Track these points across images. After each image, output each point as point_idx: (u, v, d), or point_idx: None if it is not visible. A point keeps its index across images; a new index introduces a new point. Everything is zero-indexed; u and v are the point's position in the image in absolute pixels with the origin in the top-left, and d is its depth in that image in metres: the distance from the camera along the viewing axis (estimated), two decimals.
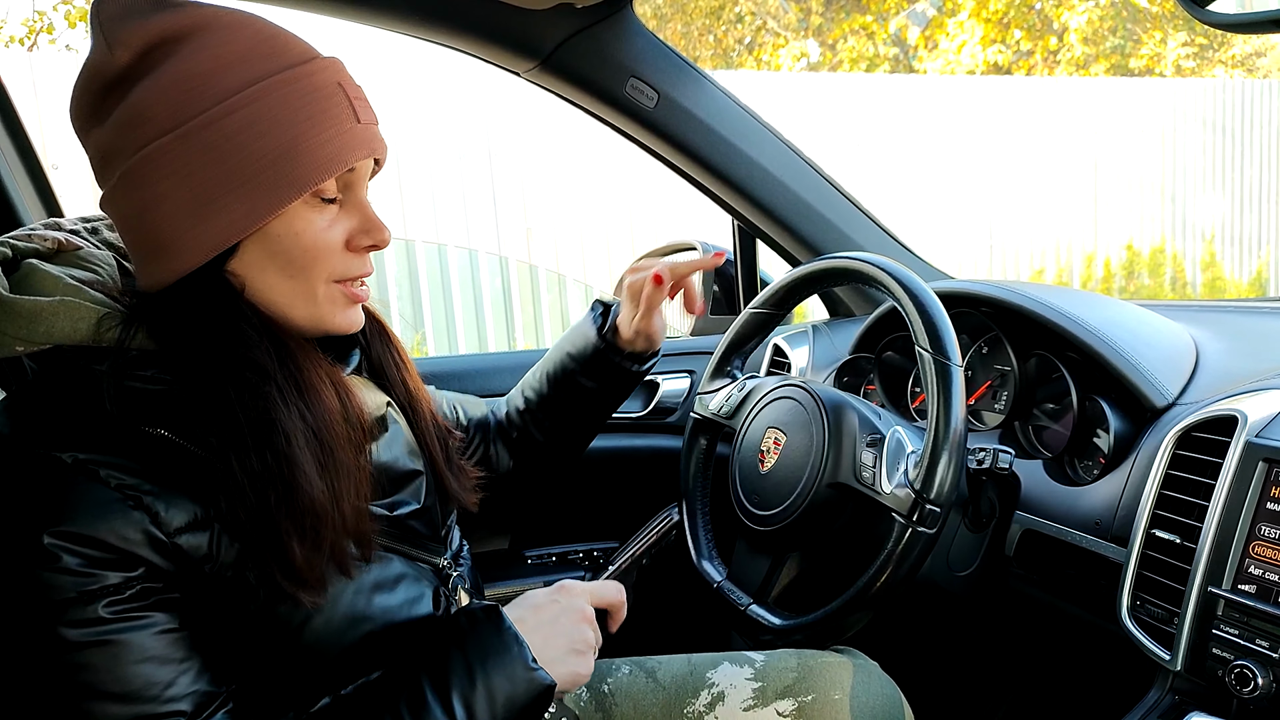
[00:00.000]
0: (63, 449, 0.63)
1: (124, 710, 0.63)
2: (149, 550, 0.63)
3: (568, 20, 1.29)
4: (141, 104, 0.65)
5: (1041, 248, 7.45)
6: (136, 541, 0.63)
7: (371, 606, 0.75)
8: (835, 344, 1.51)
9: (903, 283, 0.95)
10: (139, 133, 0.66)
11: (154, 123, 0.65)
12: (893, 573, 0.89)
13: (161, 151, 0.65)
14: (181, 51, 0.66)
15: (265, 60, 0.67)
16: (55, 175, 1.50)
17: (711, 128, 1.42)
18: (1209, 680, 0.81)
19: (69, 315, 0.66)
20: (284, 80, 0.67)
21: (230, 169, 0.65)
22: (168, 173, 0.66)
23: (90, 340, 0.67)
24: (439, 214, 5.37)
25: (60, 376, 0.67)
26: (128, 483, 0.63)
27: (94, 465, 0.63)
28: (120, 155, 0.67)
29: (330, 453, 0.70)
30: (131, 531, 0.63)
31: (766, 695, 0.99)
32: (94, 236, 0.79)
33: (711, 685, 1.01)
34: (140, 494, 0.63)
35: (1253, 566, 0.80)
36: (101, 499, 0.63)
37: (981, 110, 7.02)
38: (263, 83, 0.66)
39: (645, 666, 1.06)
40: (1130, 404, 1.02)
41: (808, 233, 1.51)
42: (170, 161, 0.65)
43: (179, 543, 0.65)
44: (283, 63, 0.68)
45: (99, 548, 0.62)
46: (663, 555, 1.02)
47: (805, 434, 1.02)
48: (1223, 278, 7.98)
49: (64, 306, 0.66)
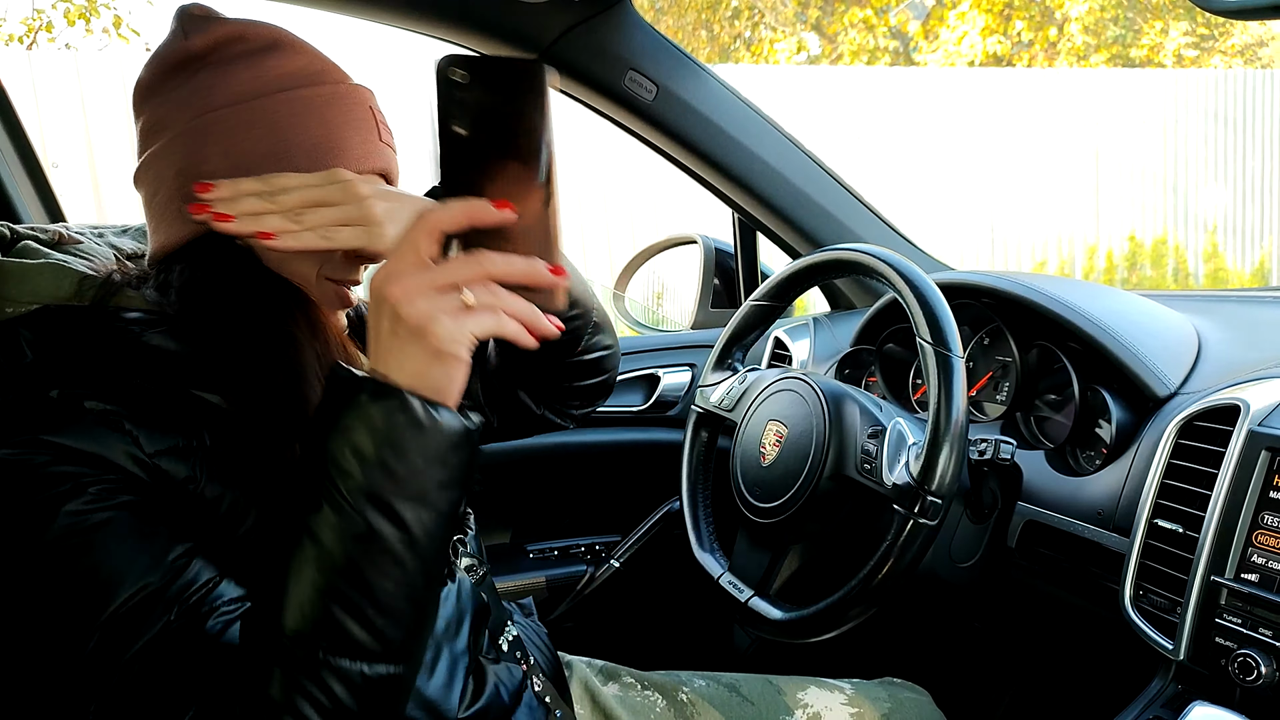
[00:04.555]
0: (50, 387, 0.64)
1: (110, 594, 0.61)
2: (128, 462, 0.64)
3: (566, 13, 1.29)
4: (206, 82, 0.72)
5: (1043, 239, 7.44)
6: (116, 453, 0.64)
7: None
8: (836, 336, 1.51)
9: (904, 274, 0.95)
10: (199, 104, 0.72)
11: (214, 97, 0.72)
12: (894, 564, 0.89)
13: (215, 121, 0.71)
14: (253, 52, 0.74)
15: (316, 75, 0.75)
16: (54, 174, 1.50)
17: (711, 120, 1.42)
18: (1212, 669, 0.81)
19: (53, 274, 0.71)
20: (329, 91, 0.75)
21: (274, 145, 0.72)
22: (217, 138, 0.71)
23: (73, 299, 0.70)
24: None
25: (47, 332, 0.69)
26: (109, 409, 0.64)
27: (79, 397, 0.64)
28: (174, 125, 0.73)
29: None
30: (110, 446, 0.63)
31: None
32: (99, 239, 0.82)
33: (806, 706, 1.02)
34: (121, 418, 0.65)
35: (1255, 555, 0.79)
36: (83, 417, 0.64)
37: (983, 102, 7.01)
38: (312, 88, 0.74)
39: (721, 681, 1.06)
40: (1132, 394, 1.02)
41: (808, 225, 1.51)
42: (221, 129, 0.71)
43: (159, 463, 0.65)
44: (330, 79, 0.76)
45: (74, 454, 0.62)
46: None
47: (806, 426, 1.02)
48: (1225, 268, 7.97)
49: (48, 266, 0.71)
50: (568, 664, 1.04)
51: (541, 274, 0.59)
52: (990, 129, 7.02)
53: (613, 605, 1.50)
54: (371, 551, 0.58)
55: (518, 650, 0.94)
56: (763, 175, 1.47)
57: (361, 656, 0.58)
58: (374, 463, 0.57)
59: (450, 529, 0.62)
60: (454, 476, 0.60)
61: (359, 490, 0.57)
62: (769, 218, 1.51)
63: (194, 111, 0.72)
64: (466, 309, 0.57)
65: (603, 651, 1.15)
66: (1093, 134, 7.38)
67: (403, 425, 0.57)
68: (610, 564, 1.46)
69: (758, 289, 1.17)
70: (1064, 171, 7.34)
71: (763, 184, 1.47)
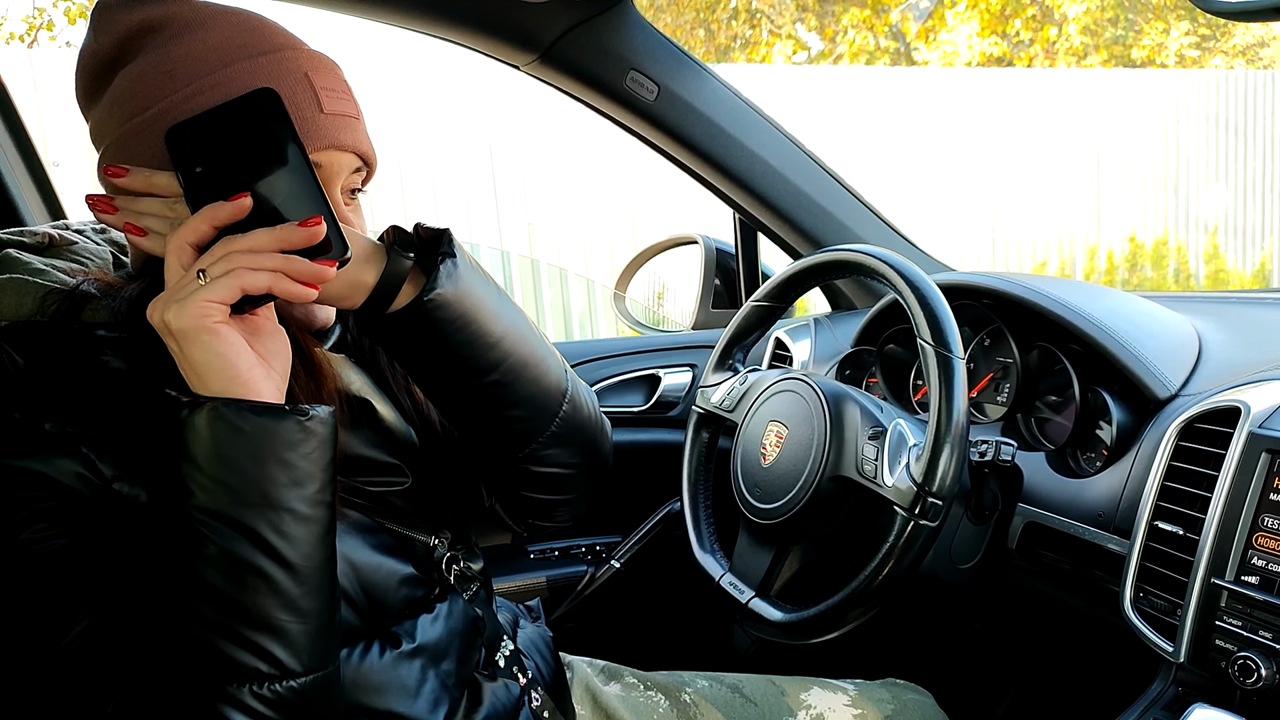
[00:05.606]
0: (13, 410, 0.63)
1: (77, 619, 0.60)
2: (83, 486, 0.62)
3: (567, 13, 1.29)
4: (121, 88, 0.69)
5: (1044, 240, 7.43)
6: (70, 477, 0.62)
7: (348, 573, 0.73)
8: (837, 337, 1.51)
9: (904, 275, 0.95)
10: (119, 113, 0.69)
11: (131, 105, 0.68)
12: (895, 566, 0.89)
13: (135, 132, 0.68)
14: (158, 39, 0.69)
15: (236, 49, 0.69)
16: (55, 172, 1.50)
17: (712, 120, 1.42)
18: (1212, 672, 0.81)
19: (16, 290, 0.69)
20: (248, 67, 0.68)
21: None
22: (139, 152, 0.68)
23: (34, 315, 0.68)
24: (440, 208, 5.36)
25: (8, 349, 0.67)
26: (68, 432, 0.63)
27: (40, 419, 0.63)
28: (105, 137, 0.71)
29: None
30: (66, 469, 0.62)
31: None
32: (100, 234, 0.81)
33: (809, 707, 1.02)
34: (78, 442, 0.63)
35: (1256, 558, 0.79)
36: (42, 440, 0.62)
37: (983, 102, 7.01)
38: (229, 68, 0.68)
39: (724, 682, 1.05)
40: (1133, 395, 1.02)
41: (809, 225, 1.51)
42: (142, 141, 0.68)
43: (116, 488, 0.64)
44: (253, 50, 0.69)
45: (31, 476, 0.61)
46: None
47: (807, 427, 1.02)
48: (1226, 270, 7.96)
49: (10, 282, 0.69)
50: (569, 664, 1.04)
51: (291, 231, 0.58)
52: (991, 129, 7.01)
53: (613, 606, 1.50)
54: (233, 571, 0.56)
55: (515, 665, 0.91)
56: (764, 176, 1.47)
57: (262, 679, 0.56)
58: (209, 477, 0.56)
59: (324, 530, 0.60)
60: (304, 474, 0.58)
61: (201, 509, 0.56)
62: (770, 218, 1.51)
63: (116, 121, 0.69)
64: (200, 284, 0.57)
65: (603, 652, 1.15)
66: (1093, 134, 7.38)
67: (223, 433, 0.56)
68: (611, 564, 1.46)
69: (759, 289, 1.17)
70: (1065, 172, 7.33)
71: (764, 184, 1.47)
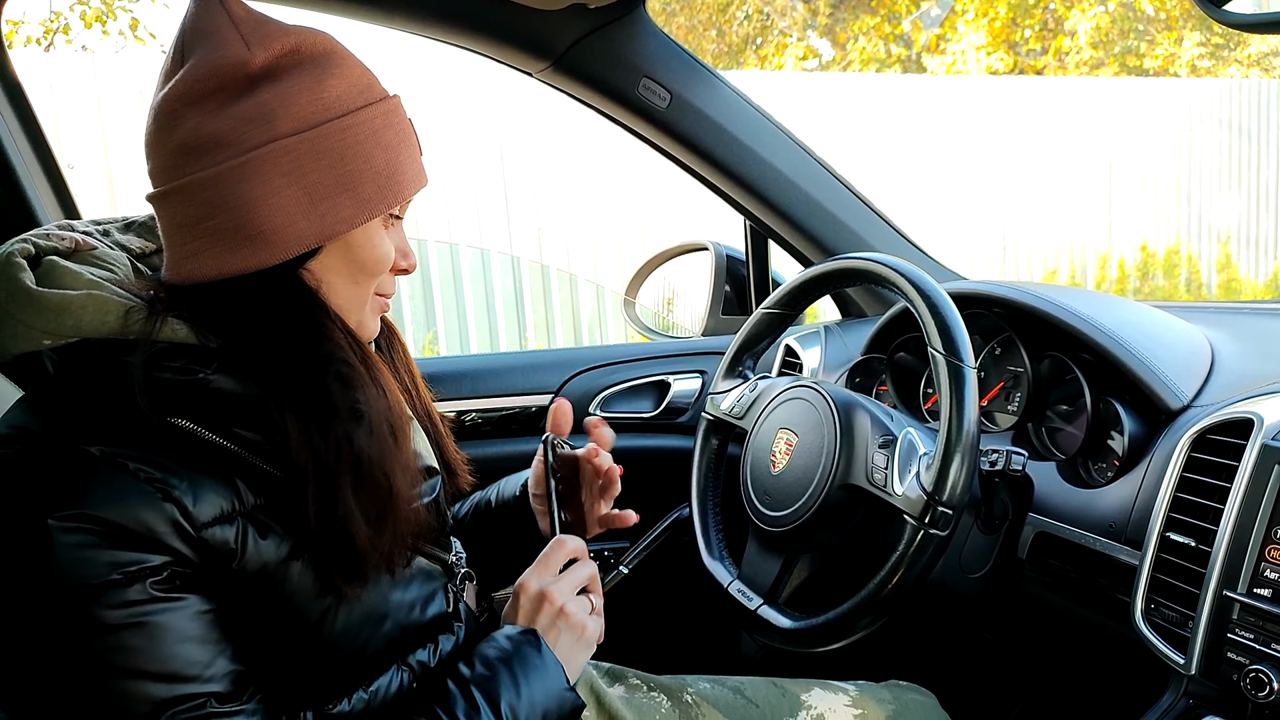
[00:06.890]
0: (90, 442, 0.64)
1: (163, 690, 0.64)
2: (177, 540, 0.65)
3: (580, 21, 1.30)
4: (269, 104, 0.69)
5: (1055, 248, 7.41)
6: (165, 532, 0.64)
7: (388, 603, 0.76)
8: (847, 345, 1.51)
9: (915, 283, 0.95)
10: (262, 130, 0.68)
11: (279, 123, 0.69)
12: (904, 575, 0.89)
13: (284, 150, 0.69)
14: (309, 67, 0.71)
15: (370, 91, 0.74)
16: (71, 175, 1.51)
17: (724, 128, 1.42)
18: (1223, 684, 0.81)
19: (97, 308, 0.68)
20: (385, 109, 0.74)
21: (342, 175, 0.71)
22: (286, 169, 0.69)
23: (118, 333, 0.68)
24: (451, 213, 5.39)
25: (86, 370, 0.68)
26: (155, 476, 0.65)
27: (123, 458, 0.64)
28: (231, 147, 0.68)
29: (398, 442, 0.74)
30: (159, 522, 0.64)
31: None
32: (105, 238, 0.80)
33: (810, 707, 1.02)
34: (169, 486, 0.65)
35: (1268, 570, 0.79)
36: (129, 488, 0.64)
37: (995, 110, 7.00)
38: (367, 109, 0.73)
39: (726, 684, 1.06)
40: (1145, 406, 1.01)
41: (820, 233, 1.51)
42: (290, 160, 0.69)
43: (205, 536, 0.66)
44: (375, 93, 0.75)
45: (125, 534, 0.63)
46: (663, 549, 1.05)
47: (817, 435, 1.02)
48: (1238, 279, 7.92)
49: (91, 300, 0.68)
50: None
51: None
52: (1003, 138, 7.00)
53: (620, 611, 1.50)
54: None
55: None
56: (775, 183, 1.47)
57: None
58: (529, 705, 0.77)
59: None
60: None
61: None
62: (781, 225, 1.51)
63: (259, 137, 0.68)
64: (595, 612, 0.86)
65: (608, 655, 1.14)
66: (1105, 143, 7.36)
67: (554, 692, 0.79)
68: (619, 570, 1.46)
69: (769, 296, 1.17)
70: (1076, 180, 7.32)
71: (775, 192, 1.47)
